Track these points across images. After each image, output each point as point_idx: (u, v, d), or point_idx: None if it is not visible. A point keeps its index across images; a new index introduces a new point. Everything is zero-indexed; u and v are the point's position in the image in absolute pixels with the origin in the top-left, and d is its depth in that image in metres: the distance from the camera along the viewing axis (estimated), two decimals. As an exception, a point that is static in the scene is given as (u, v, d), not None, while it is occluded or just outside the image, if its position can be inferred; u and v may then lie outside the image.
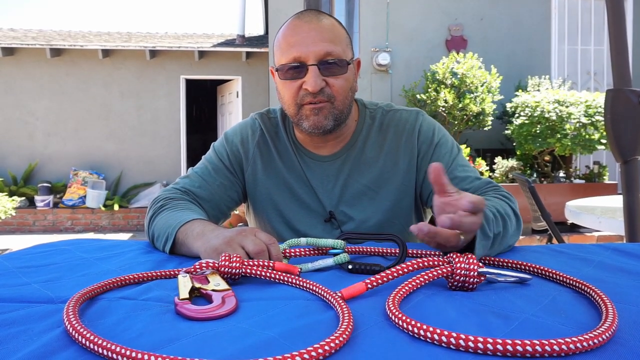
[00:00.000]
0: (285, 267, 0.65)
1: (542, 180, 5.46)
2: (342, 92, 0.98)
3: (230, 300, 0.55)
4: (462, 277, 0.59)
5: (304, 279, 0.61)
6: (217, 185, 1.07)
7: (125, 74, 7.49)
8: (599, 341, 0.43)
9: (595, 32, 6.62)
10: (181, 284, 0.59)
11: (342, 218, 1.06)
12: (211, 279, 0.62)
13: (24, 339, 0.46)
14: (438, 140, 1.06)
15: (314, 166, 1.08)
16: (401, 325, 0.47)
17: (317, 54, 0.94)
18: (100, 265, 0.76)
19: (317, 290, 0.58)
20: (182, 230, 0.82)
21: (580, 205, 2.66)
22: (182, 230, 0.82)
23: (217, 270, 0.64)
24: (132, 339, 0.46)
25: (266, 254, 0.71)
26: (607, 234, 4.87)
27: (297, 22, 0.98)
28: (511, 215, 0.87)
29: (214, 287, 0.59)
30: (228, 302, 0.55)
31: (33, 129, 7.36)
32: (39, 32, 8.18)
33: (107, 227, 7.09)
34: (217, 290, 0.58)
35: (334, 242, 0.76)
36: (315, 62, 0.94)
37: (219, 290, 0.58)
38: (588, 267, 0.73)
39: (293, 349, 0.41)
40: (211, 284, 0.60)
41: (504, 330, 0.47)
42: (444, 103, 5.44)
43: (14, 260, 0.79)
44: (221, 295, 0.56)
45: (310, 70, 0.94)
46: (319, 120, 0.98)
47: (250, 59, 7.59)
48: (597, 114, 5.00)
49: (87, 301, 0.57)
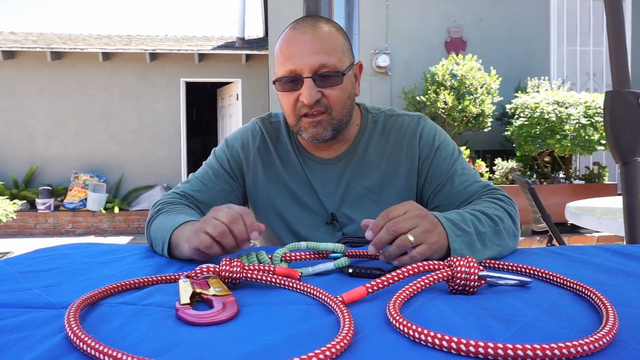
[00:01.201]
0: (285, 271, 0.65)
1: (542, 182, 5.46)
2: (339, 102, 0.98)
3: (232, 305, 0.55)
4: (462, 280, 0.59)
5: (305, 284, 0.61)
6: (218, 190, 1.08)
7: (126, 76, 7.50)
8: (600, 345, 0.43)
9: (594, 33, 6.63)
10: (182, 289, 0.59)
11: (344, 220, 1.06)
12: (212, 283, 0.62)
13: (25, 345, 0.46)
14: (439, 144, 1.07)
15: (316, 169, 1.08)
16: (402, 329, 0.47)
17: (312, 67, 0.94)
18: (101, 270, 0.76)
19: (317, 295, 0.58)
20: (175, 234, 0.82)
21: (580, 206, 2.66)
22: (175, 234, 0.83)
23: (218, 274, 0.64)
24: (133, 345, 0.46)
25: (240, 222, 0.74)
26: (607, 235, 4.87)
27: (292, 33, 0.98)
28: (503, 217, 0.87)
29: (214, 292, 0.59)
30: (229, 307, 0.55)
31: (34, 132, 7.37)
32: (40, 36, 8.19)
33: (108, 230, 7.09)
34: (218, 295, 0.58)
35: (334, 246, 0.76)
36: (309, 75, 0.94)
37: (219, 295, 0.58)
38: (588, 269, 0.73)
39: (294, 354, 0.41)
40: (212, 289, 0.60)
41: (505, 334, 0.47)
42: (443, 105, 5.44)
43: (15, 264, 0.79)
44: (222, 300, 0.56)
45: (305, 82, 0.95)
46: (318, 132, 0.99)
47: (250, 62, 7.59)
48: (596, 115, 5.00)
49: (88, 307, 0.57)
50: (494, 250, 0.81)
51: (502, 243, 0.83)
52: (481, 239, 0.79)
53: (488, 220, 0.83)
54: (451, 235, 0.75)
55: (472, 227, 0.79)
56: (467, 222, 0.79)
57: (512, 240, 0.87)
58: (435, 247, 0.73)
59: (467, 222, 0.79)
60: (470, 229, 0.78)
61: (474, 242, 0.78)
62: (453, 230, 0.76)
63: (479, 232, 0.79)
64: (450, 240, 0.75)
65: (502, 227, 0.84)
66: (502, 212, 0.88)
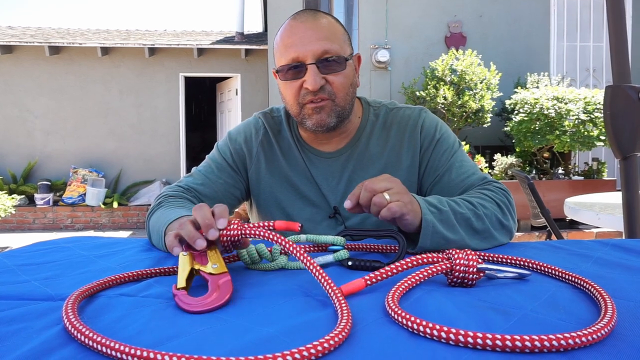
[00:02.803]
0: (285, 224, 0.65)
1: (541, 177, 5.47)
2: (343, 89, 0.99)
3: (226, 286, 0.56)
4: (461, 273, 0.59)
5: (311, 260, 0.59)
6: (221, 184, 1.08)
7: (124, 71, 7.47)
8: (598, 336, 0.43)
9: (594, 29, 6.62)
10: (180, 265, 0.60)
11: (347, 214, 1.06)
12: (211, 257, 0.62)
13: (23, 336, 0.46)
14: (440, 136, 1.07)
15: (318, 163, 1.08)
16: (401, 321, 0.47)
17: (315, 53, 0.95)
18: (100, 263, 0.76)
19: (318, 277, 0.57)
20: (170, 228, 0.82)
21: (579, 202, 2.66)
22: (170, 228, 0.82)
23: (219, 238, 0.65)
24: (131, 336, 0.46)
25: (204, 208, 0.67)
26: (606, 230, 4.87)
27: (293, 23, 0.99)
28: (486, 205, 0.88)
29: (212, 269, 0.59)
30: (223, 288, 0.55)
31: (32, 127, 7.35)
32: (38, 30, 8.15)
33: (106, 224, 7.09)
34: (214, 274, 0.58)
35: (333, 239, 0.76)
36: (313, 61, 0.95)
37: (215, 274, 0.58)
38: (587, 262, 0.73)
39: (293, 346, 0.41)
40: (209, 265, 0.61)
41: (504, 326, 0.47)
42: (443, 100, 5.44)
43: (14, 257, 0.79)
44: (217, 280, 0.57)
45: (309, 69, 0.95)
46: (322, 119, 0.99)
47: (249, 57, 7.57)
48: (596, 111, 5.00)
49: (86, 298, 0.57)
50: (474, 233, 0.82)
51: (483, 228, 0.83)
52: (458, 218, 0.81)
53: (468, 204, 0.85)
54: (424, 208, 0.79)
55: (448, 207, 0.82)
56: (443, 203, 0.83)
57: (499, 231, 0.86)
58: (410, 207, 0.77)
59: (442, 202, 0.83)
60: (445, 208, 0.81)
61: (449, 219, 0.80)
62: (427, 206, 0.80)
63: (455, 211, 0.82)
64: (424, 212, 0.78)
65: (484, 212, 0.85)
66: (487, 200, 0.89)
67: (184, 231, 0.66)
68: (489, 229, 0.84)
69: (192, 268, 0.60)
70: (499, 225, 0.87)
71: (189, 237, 0.65)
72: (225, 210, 0.68)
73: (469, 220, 0.82)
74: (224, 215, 0.67)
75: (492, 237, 0.85)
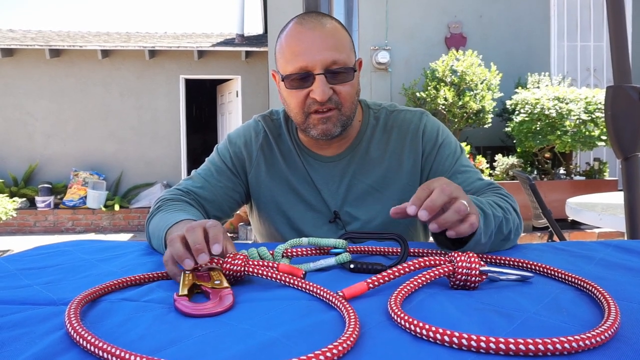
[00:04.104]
0: (289, 268, 0.65)
1: (542, 178, 5.46)
2: (349, 99, 0.98)
3: (227, 297, 0.56)
4: (463, 275, 0.59)
5: (307, 282, 0.61)
6: (220, 187, 1.07)
7: (125, 74, 7.48)
8: (601, 339, 0.43)
9: (594, 29, 6.61)
10: (183, 279, 0.60)
11: (347, 218, 1.06)
12: (213, 276, 0.62)
13: (26, 342, 0.46)
14: (442, 141, 1.07)
15: (318, 167, 1.08)
16: (403, 325, 0.47)
17: (324, 63, 0.93)
18: (102, 267, 0.76)
19: (319, 293, 0.58)
20: (169, 232, 0.82)
21: (580, 202, 2.66)
22: (169, 232, 0.82)
23: (221, 268, 0.64)
24: (133, 341, 0.46)
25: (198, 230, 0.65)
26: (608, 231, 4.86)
27: (300, 29, 0.95)
28: (510, 210, 0.88)
29: (213, 284, 0.59)
30: (224, 299, 0.55)
31: (33, 130, 7.36)
32: (38, 33, 8.17)
33: (107, 227, 7.09)
34: (216, 287, 0.58)
35: (335, 242, 0.76)
36: (322, 71, 0.93)
37: (217, 288, 0.58)
38: (589, 264, 0.73)
39: (296, 350, 0.41)
40: (212, 281, 0.61)
41: (507, 329, 0.47)
42: (443, 101, 5.43)
43: (15, 262, 0.79)
44: (219, 292, 0.57)
45: (317, 79, 0.93)
46: (328, 128, 0.98)
47: (250, 58, 7.57)
48: (597, 111, 4.99)
49: (88, 303, 0.57)
50: (502, 237, 0.82)
51: (508, 232, 0.84)
52: (494, 222, 0.79)
53: (499, 209, 0.84)
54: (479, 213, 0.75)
55: (490, 210, 0.79)
56: (485, 205, 0.80)
57: (515, 234, 0.87)
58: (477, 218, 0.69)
59: (483, 204, 0.80)
60: (488, 211, 0.79)
61: (490, 224, 0.78)
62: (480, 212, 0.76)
63: (495, 215, 0.80)
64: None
65: (510, 217, 0.85)
66: (508, 205, 0.90)
67: (174, 249, 0.64)
68: (511, 236, 0.85)
69: (194, 283, 0.60)
70: (516, 231, 0.88)
71: (178, 255, 0.63)
72: (220, 233, 0.65)
73: (501, 225, 0.81)
74: (218, 239, 0.64)
75: (509, 241, 0.86)
